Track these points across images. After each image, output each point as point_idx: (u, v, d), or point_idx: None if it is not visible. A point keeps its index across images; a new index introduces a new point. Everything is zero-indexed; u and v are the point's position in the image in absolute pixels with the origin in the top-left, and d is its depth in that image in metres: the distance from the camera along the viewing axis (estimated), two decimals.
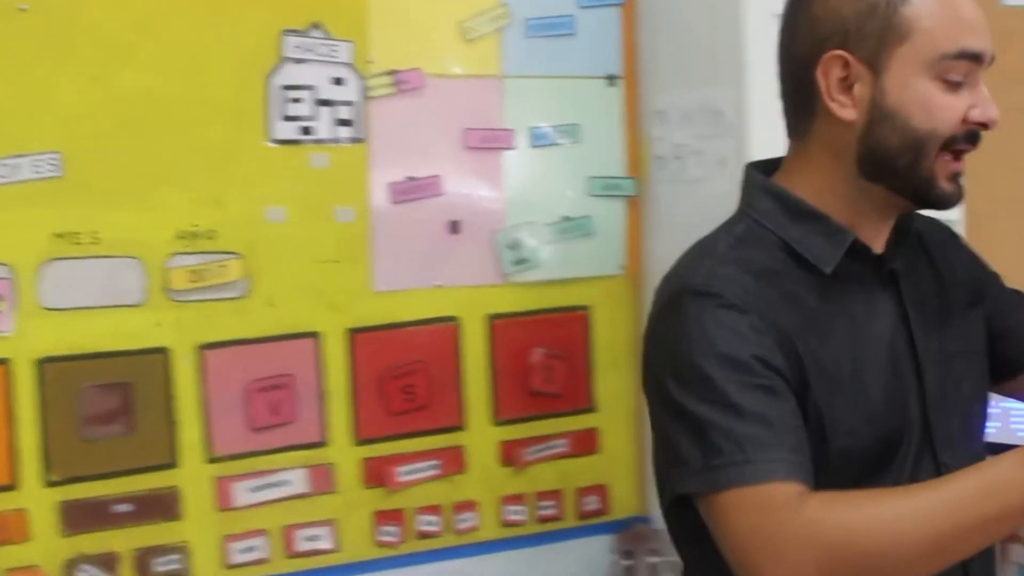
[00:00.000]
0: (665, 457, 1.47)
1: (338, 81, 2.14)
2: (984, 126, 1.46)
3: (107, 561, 1.95)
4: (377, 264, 2.18)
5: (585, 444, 2.39)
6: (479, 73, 2.28)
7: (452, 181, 2.24)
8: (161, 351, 1.97)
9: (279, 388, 2.09)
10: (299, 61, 2.08)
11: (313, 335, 2.11)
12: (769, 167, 1.59)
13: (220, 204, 2.02)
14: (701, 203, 2.31)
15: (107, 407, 1.96)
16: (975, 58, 1.45)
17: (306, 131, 2.11)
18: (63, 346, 1.90)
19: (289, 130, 2.08)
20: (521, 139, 2.32)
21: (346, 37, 2.13)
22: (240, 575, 2.05)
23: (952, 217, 2.16)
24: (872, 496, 1.38)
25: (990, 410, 1.70)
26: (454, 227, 2.25)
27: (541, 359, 2.33)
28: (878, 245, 1.54)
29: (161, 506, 1.98)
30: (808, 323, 1.46)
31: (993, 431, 1.89)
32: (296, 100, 2.09)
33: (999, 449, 1.35)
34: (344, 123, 2.15)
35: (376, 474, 2.17)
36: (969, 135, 1.47)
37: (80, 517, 1.92)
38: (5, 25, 1.83)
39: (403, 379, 2.20)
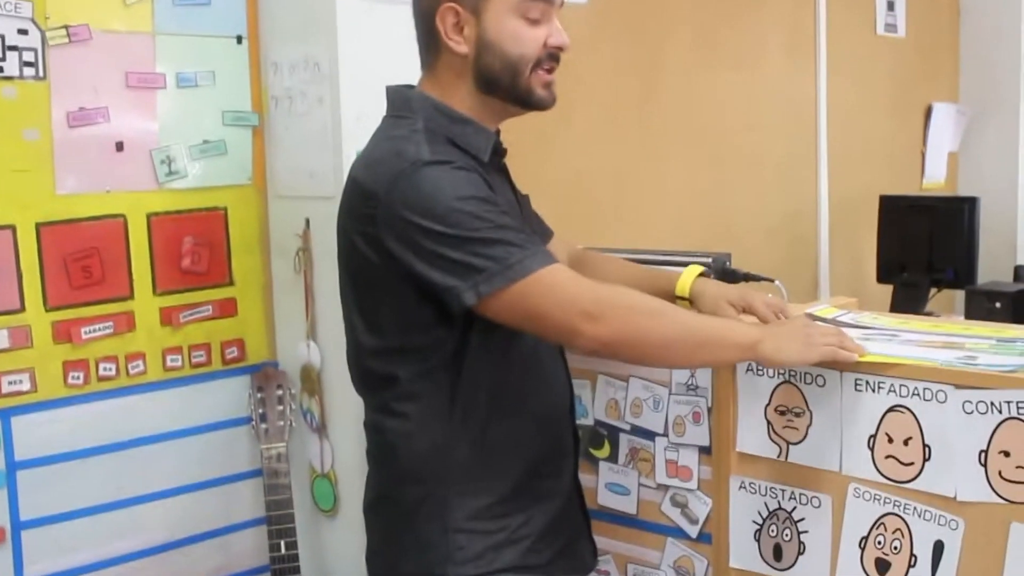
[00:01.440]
0: (442, 281, 1.71)
1: (23, 32, 2.43)
2: (560, 49, 1.86)
3: None
4: (59, 173, 2.50)
5: (226, 309, 2.79)
6: (136, 30, 2.59)
7: (117, 112, 2.57)
8: None
9: None
10: None
11: (10, 227, 2.43)
12: (410, 87, 1.92)
13: None
14: (306, 131, 2.70)
15: None
16: (547, 1, 1.84)
17: None
18: None
19: None
20: (171, 81, 2.66)
21: None
22: None
23: None
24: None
25: None
26: (119, 146, 2.59)
27: (190, 247, 2.70)
28: None
29: None
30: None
31: None
32: None
33: None
34: (29, 64, 2.44)
35: (64, 333, 2.51)
36: (550, 55, 1.86)
37: None
38: None
39: (82, 261, 2.53)
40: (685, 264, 2.24)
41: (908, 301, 4.24)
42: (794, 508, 1.95)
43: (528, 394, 1.93)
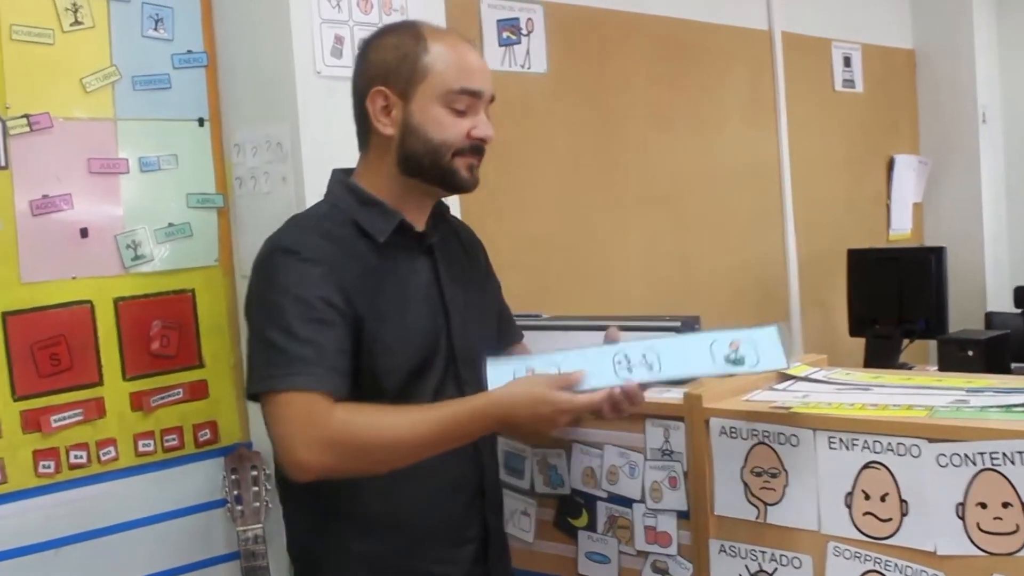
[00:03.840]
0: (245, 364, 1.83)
1: None
2: (483, 141, 1.92)
3: None
4: (23, 262, 2.49)
5: (197, 391, 2.76)
6: (98, 116, 2.61)
7: (80, 198, 2.57)
8: None
9: None
10: None
11: None
12: (350, 171, 2.00)
13: None
14: (270, 210, 2.64)
15: None
16: (474, 94, 1.90)
17: None
18: None
19: None
20: (133, 165, 2.66)
21: None
22: None
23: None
24: (382, 409, 1.79)
25: None
26: (84, 233, 2.59)
27: (159, 330, 2.68)
28: (420, 225, 1.98)
29: None
30: (366, 276, 1.87)
31: None
32: None
33: None
34: None
35: (33, 422, 2.49)
36: (473, 147, 1.91)
37: None
38: None
39: (50, 349, 2.51)
40: (654, 329, 2.24)
41: (881, 353, 4.25)
42: (775, 570, 1.94)
43: (408, 477, 1.88)
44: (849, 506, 1.84)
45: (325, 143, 2.66)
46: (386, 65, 1.90)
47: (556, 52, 3.56)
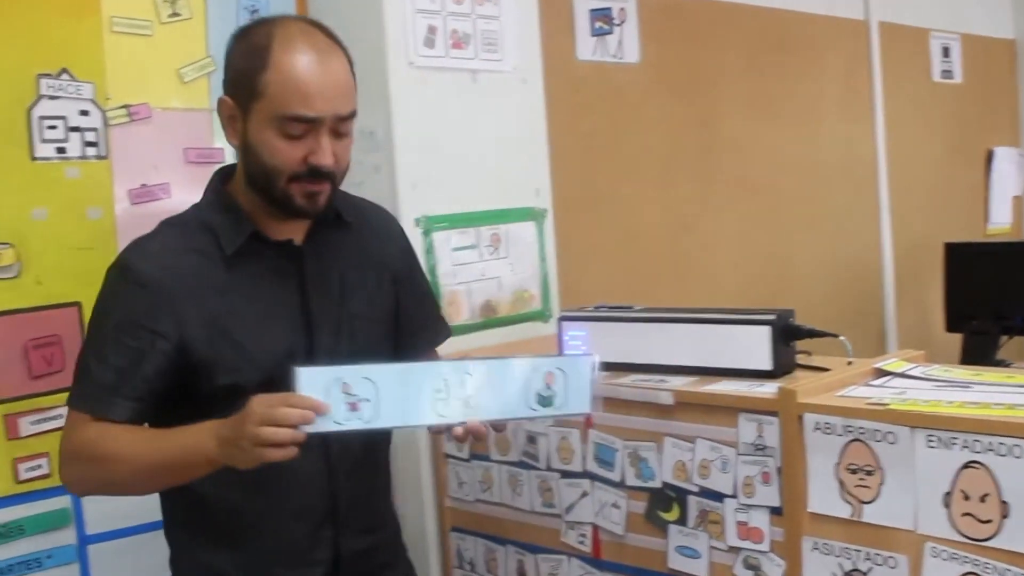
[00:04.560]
0: None
1: (84, 112, 2.48)
2: (319, 168, 1.76)
3: None
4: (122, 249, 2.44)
5: None
6: (194, 106, 2.65)
7: (178, 187, 2.60)
8: None
9: (51, 345, 2.43)
10: (53, 97, 2.43)
11: (75, 304, 2.45)
12: (232, 168, 1.91)
13: None
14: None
15: None
16: (309, 121, 1.73)
17: (61, 151, 2.45)
18: None
19: (47, 150, 2.44)
20: (229, 155, 2.52)
21: (88, 79, 2.48)
22: (28, 487, 2.40)
23: (543, 206, 2.91)
24: (126, 431, 1.74)
25: None
26: None
27: None
28: (285, 234, 1.87)
29: None
30: (211, 289, 1.79)
31: None
32: (52, 127, 2.44)
33: None
34: (91, 144, 2.49)
35: None
36: (311, 172, 1.76)
37: None
38: None
39: None
40: (747, 322, 2.22)
41: (978, 350, 4.16)
42: (870, 569, 1.90)
43: (249, 498, 1.87)
44: (947, 506, 1.80)
45: (419, 132, 2.70)
46: (233, 73, 1.81)
47: (648, 42, 3.53)
